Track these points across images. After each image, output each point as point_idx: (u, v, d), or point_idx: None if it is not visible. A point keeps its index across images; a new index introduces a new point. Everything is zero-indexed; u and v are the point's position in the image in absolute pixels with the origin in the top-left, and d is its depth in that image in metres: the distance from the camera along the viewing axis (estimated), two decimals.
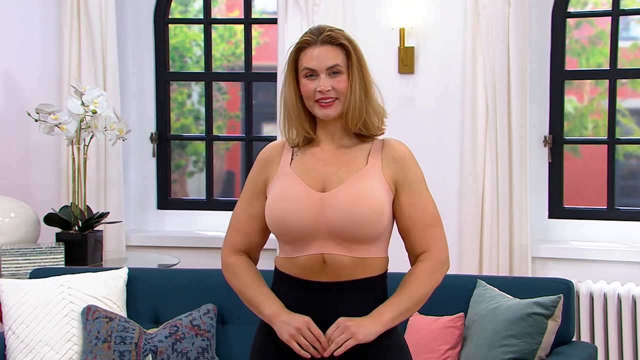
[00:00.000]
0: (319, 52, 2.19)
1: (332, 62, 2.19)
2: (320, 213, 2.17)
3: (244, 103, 4.97)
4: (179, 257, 4.36)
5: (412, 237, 2.22)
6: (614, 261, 4.25)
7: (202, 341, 3.26)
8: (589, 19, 4.59)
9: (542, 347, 2.98)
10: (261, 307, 2.25)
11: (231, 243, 2.34)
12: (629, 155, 4.63)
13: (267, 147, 2.33)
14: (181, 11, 5.08)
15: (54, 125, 4.06)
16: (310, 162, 2.24)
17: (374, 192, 2.17)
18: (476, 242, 4.30)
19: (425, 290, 2.20)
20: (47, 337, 3.25)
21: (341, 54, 2.20)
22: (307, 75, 2.20)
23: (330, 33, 2.21)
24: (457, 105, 4.39)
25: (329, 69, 2.19)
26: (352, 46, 2.22)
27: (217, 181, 5.06)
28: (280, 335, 2.18)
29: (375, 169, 2.21)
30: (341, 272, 2.18)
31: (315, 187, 2.20)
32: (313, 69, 2.19)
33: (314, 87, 2.19)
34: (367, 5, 4.43)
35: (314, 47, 2.20)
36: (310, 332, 2.14)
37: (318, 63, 2.19)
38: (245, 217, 2.30)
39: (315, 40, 2.20)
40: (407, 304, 2.18)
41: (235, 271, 2.32)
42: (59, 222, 4.12)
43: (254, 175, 2.30)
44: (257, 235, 2.32)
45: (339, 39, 2.21)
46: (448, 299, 3.21)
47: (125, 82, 4.86)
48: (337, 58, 2.20)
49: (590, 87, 4.66)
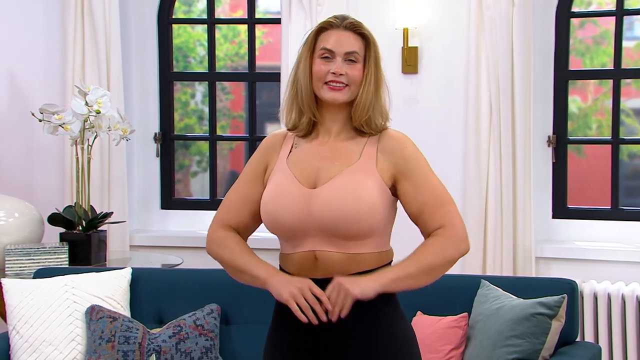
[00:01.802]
0: (340, 36, 2.20)
1: (351, 48, 2.19)
2: (309, 210, 2.15)
3: (248, 103, 4.97)
4: (183, 257, 4.36)
5: (423, 221, 2.17)
6: (618, 261, 4.24)
7: (205, 341, 3.26)
8: (593, 19, 4.59)
9: (545, 347, 2.97)
10: (255, 270, 2.19)
11: (221, 220, 2.28)
12: (633, 155, 4.62)
13: (270, 135, 2.33)
14: (185, 11, 5.08)
15: (57, 125, 4.07)
16: (306, 155, 2.22)
17: (362, 188, 2.13)
18: (480, 242, 4.29)
19: (434, 261, 2.13)
20: (51, 337, 3.26)
21: (361, 43, 2.20)
22: (322, 55, 2.19)
23: (354, 21, 2.23)
24: (461, 105, 4.39)
25: (346, 54, 2.18)
26: (373, 40, 2.23)
27: (220, 181, 5.06)
28: (278, 295, 2.12)
29: (367, 163, 2.18)
30: (333, 269, 2.15)
31: (306, 184, 2.18)
32: (331, 50, 2.18)
33: (327, 69, 2.18)
34: (371, 5, 4.43)
35: (336, 30, 2.21)
36: (312, 294, 2.09)
37: (337, 46, 2.19)
38: (238, 198, 2.27)
39: (339, 24, 2.22)
40: (412, 269, 2.12)
41: (224, 243, 2.25)
42: (62, 222, 4.12)
43: (255, 160, 2.29)
44: (248, 218, 2.26)
45: (361, 28, 2.21)
46: (452, 299, 3.21)
47: (129, 82, 4.87)
48: (356, 46, 2.20)
49: (594, 87, 4.66)
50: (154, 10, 4.95)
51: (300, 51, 2.24)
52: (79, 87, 4.10)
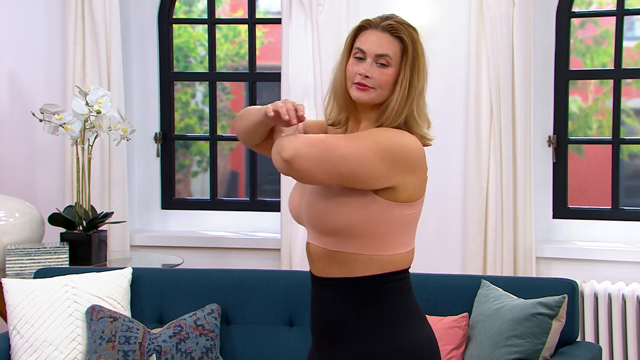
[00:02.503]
0: (375, 37, 2.13)
1: (382, 50, 2.12)
2: (301, 201, 2.19)
3: (248, 103, 4.97)
4: (183, 257, 4.36)
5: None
6: (619, 261, 4.24)
7: (206, 341, 3.26)
8: (594, 19, 4.59)
9: (546, 347, 2.97)
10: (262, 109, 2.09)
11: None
12: (633, 155, 4.62)
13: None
14: (185, 11, 5.08)
15: (58, 125, 4.07)
16: None
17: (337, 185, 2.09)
18: (480, 242, 4.29)
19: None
20: (52, 337, 3.26)
21: (397, 47, 2.13)
22: (356, 55, 2.15)
23: (394, 23, 2.13)
24: (461, 105, 4.39)
25: (377, 56, 2.12)
26: (413, 44, 2.14)
27: (221, 181, 5.06)
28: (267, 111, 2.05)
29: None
30: (319, 264, 2.15)
31: None
32: (363, 51, 2.14)
33: (357, 70, 2.14)
34: (371, 6, 4.43)
35: (373, 31, 2.15)
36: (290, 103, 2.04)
37: (369, 46, 2.13)
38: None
39: (377, 24, 2.15)
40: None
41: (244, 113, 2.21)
42: (63, 222, 4.12)
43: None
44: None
45: (400, 31, 2.13)
46: (452, 299, 3.21)
47: (129, 82, 4.87)
48: (390, 49, 2.12)
49: (594, 87, 4.66)
50: (155, 10, 4.95)
51: (342, 47, 2.21)
52: (79, 87, 4.11)
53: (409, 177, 2.09)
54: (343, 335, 2.14)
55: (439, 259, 4.35)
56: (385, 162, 2.05)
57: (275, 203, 4.72)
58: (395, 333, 2.12)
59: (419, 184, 2.13)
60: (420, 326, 2.17)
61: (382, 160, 2.05)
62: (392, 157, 2.06)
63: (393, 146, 2.07)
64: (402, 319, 2.14)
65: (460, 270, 4.33)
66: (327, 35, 4.40)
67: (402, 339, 2.12)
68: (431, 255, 4.35)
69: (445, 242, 4.42)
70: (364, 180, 2.05)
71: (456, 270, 4.32)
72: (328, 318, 2.16)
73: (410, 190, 2.10)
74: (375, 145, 2.05)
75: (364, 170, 2.03)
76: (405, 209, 2.11)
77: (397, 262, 2.14)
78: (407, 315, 2.15)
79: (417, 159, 2.11)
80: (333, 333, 2.15)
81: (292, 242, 4.48)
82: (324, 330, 2.17)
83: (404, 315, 2.15)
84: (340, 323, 2.14)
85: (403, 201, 2.10)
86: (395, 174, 2.07)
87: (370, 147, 2.05)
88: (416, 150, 2.11)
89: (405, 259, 2.16)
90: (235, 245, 4.71)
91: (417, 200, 2.13)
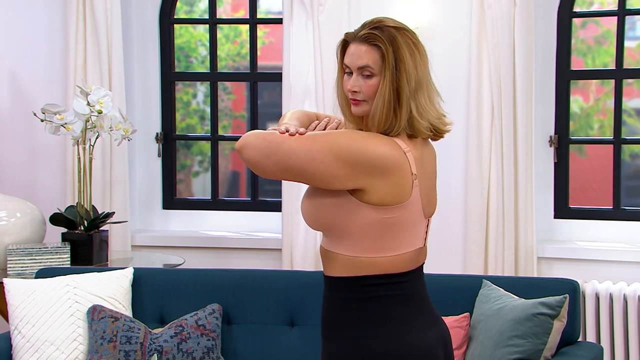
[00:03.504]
0: (354, 49, 2.11)
1: (362, 62, 2.09)
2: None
3: (249, 103, 4.96)
4: (184, 257, 4.37)
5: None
6: (620, 261, 4.24)
7: (207, 341, 3.26)
8: (595, 19, 4.59)
9: (547, 347, 2.97)
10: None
11: None
12: (634, 155, 4.62)
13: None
14: (186, 11, 5.08)
15: (59, 125, 4.07)
16: None
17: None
18: (482, 242, 4.29)
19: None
20: (53, 337, 3.26)
21: (377, 55, 2.09)
22: (345, 71, 2.14)
23: (368, 32, 2.10)
24: (463, 105, 4.38)
25: (359, 69, 2.10)
26: (393, 48, 2.08)
27: (222, 181, 5.06)
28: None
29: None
30: (322, 261, 2.19)
31: None
32: (348, 66, 2.12)
33: (346, 86, 2.13)
34: (373, 6, 4.43)
35: (353, 43, 2.12)
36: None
37: (351, 60, 2.11)
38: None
39: (353, 36, 2.13)
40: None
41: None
42: (64, 222, 4.12)
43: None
44: None
45: (375, 39, 2.09)
46: (453, 299, 3.21)
47: (130, 82, 4.87)
48: (369, 59, 2.09)
49: (596, 87, 4.66)
50: (156, 10, 4.95)
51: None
52: (80, 87, 4.11)
53: (377, 180, 2.05)
54: (324, 333, 2.19)
55: (440, 259, 4.35)
56: (342, 162, 2.03)
57: (277, 203, 4.72)
58: (365, 337, 2.10)
59: (394, 189, 2.06)
60: (403, 336, 2.10)
61: (339, 160, 2.03)
62: (352, 159, 2.03)
63: (352, 148, 2.04)
64: (376, 324, 2.10)
65: (461, 270, 4.33)
66: (328, 35, 4.40)
67: (370, 344, 2.09)
68: (432, 255, 4.30)
69: (446, 242, 4.42)
70: (322, 178, 2.04)
71: (457, 270, 4.32)
72: (322, 315, 2.21)
73: (382, 193, 2.05)
74: (330, 145, 2.03)
75: (317, 166, 2.02)
76: (382, 212, 2.07)
77: (379, 266, 2.10)
78: (385, 321, 2.11)
79: (384, 163, 2.05)
80: (321, 330, 2.21)
81: (294, 242, 4.48)
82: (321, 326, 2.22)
83: (382, 321, 2.11)
84: (324, 320, 2.19)
85: (375, 204, 2.06)
86: (359, 175, 2.04)
87: (325, 146, 2.03)
88: (382, 155, 2.05)
89: (390, 263, 2.11)
90: (237, 245, 4.71)
91: (395, 205, 2.07)
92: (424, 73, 2.14)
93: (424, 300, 2.19)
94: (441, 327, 2.22)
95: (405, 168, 2.08)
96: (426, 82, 2.14)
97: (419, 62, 2.13)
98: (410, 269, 2.14)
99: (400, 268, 2.12)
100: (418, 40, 2.15)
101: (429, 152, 2.21)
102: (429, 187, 2.17)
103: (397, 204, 2.07)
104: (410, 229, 2.12)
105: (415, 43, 2.14)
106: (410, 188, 2.09)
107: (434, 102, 2.17)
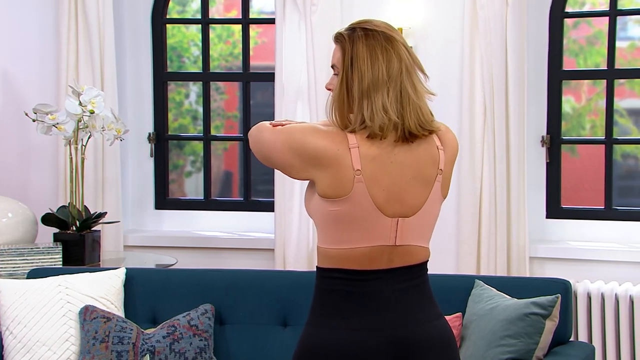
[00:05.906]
0: (333, 50, 2.21)
1: (332, 61, 2.20)
2: None
3: (242, 103, 4.96)
4: (177, 257, 4.36)
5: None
6: (612, 261, 4.25)
7: (199, 341, 3.26)
8: (587, 19, 4.60)
9: (539, 347, 2.98)
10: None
11: None
12: (626, 155, 4.63)
13: None
14: (179, 11, 5.08)
15: (51, 125, 4.06)
16: None
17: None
18: (474, 242, 4.30)
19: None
20: (45, 337, 3.25)
21: (339, 53, 2.16)
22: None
23: (338, 33, 2.19)
24: (455, 105, 4.39)
25: (332, 67, 2.19)
26: (352, 46, 2.13)
27: (215, 181, 5.06)
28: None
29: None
30: None
31: None
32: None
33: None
34: (365, 6, 4.44)
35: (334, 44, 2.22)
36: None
37: (332, 61, 2.21)
38: None
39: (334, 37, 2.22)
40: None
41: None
42: (56, 222, 4.11)
43: None
44: None
45: (338, 39, 2.17)
46: (446, 298, 3.20)
47: (123, 82, 4.86)
48: (336, 58, 2.17)
49: (587, 87, 4.67)
50: (148, 10, 4.94)
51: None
52: (72, 87, 4.10)
53: (319, 172, 2.10)
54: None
55: (432, 259, 4.31)
56: (293, 152, 2.12)
57: (269, 203, 4.72)
58: (307, 326, 2.17)
59: (333, 182, 2.09)
60: (328, 331, 2.13)
61: (291, 150, 2.12)
62: (298, 151, 2.11)
63: (300, 140, 2.12)
64: (316, 315, 2.17)
65: (453, 270, 4.34)
66: (321, 35, 4.41)
67: (303, 335, 2.18)
68: None
69: (438, 241, 4.40)
70: (284, 167, 2.16)
71: (450, 270, 4.32)
72: None
73: (324, 185, 2.10)
74: (288, 137, 2.13)
75: (278, 156, 2.15)
76: (328, 205, 2.10)
77: (330, 258, 2.14)
78: (323, 315, 2.15)
79: (320, 155, 2.09)
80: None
81: (286, 243, 4.48)
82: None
83: (322, 313, 2.16)
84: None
85: (321, 196, 2.11)
86: (307, 167, 2.11)
87: (285, 137, 2.14)
88: (319, 148, 2.09)
89: (343, 257, 2.13)
90: (229, 246, 4.71)
91: (336, 198, 2.09)
92: (389, 74, 2.11)
93: (388, 304, 2.15)
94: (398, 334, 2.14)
95: (343, 162, 2.09)
96: (393, 83, 2.12)
97: (383, 62, 2.11)
98: (371, 268, 2.13)
99: (355, 265, 2.12)
100: (397, 42, 2.14)
101: (415, 154, 2.17)
102: (399, 187, 2.13)
103: (338, 197, 2.10)
104: (362, 225, 2.11)
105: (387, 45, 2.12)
106: (352, 183, 2.09)
107: (407, 103, 2.14)
